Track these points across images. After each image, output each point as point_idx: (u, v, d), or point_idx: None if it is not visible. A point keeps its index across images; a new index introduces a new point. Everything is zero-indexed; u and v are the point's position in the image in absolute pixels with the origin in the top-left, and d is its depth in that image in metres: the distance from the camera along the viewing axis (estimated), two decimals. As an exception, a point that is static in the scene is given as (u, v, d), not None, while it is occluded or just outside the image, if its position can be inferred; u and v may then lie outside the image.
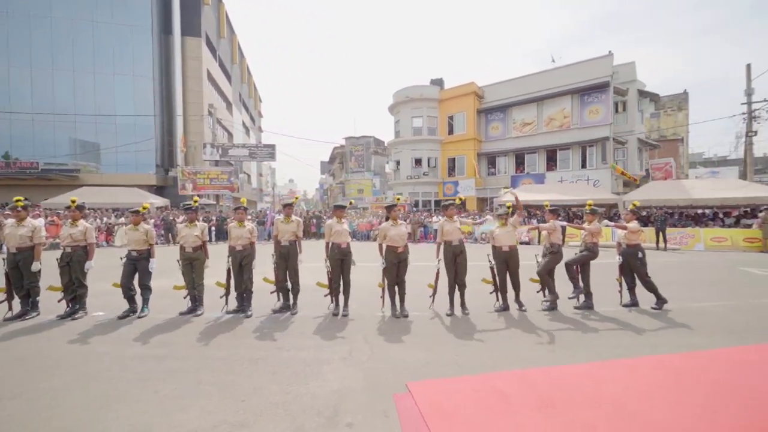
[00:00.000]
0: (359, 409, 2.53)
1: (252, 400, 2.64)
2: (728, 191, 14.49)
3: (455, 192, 23.06)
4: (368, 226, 17.65)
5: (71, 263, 4.75)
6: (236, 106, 38.26)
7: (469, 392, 2.73)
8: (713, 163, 36.23)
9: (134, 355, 3.50)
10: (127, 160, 22.82)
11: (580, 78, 19.43)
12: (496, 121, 23.14)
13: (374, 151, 35.11)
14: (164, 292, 5.64)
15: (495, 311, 5.00)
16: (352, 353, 3.53)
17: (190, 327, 4.37)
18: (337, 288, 4.87)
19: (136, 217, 4.96)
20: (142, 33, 23.19)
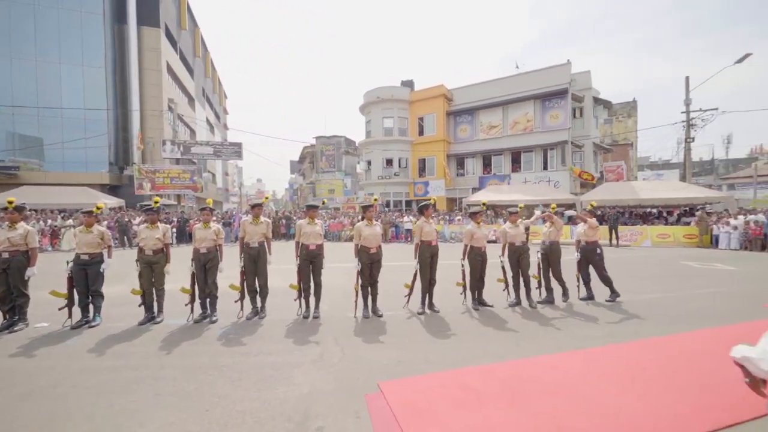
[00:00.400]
0: (330, 411, 2.50)
1: (216, 410, 2.53)
2: (670, 192, 15.89)
3: (426, 192, 23.45)
4: (339, 227, 17.50)
5: (9, 270, 4.31)
6: (199, 101, 36.49)
7: (440, 389, 2.79)
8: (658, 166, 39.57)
9: (85, 368, 3.24)
10: (75, 158, 21.05)
11: (542, 84, 20.46)
12: (465, 124, 23.80)
13: (345, 151, 34.89)
14: (120, 299, 5.27)
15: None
16: (323, 356, 3.49)
17: (148, 335, 4.12)
18: (307, 290, 4.78)
19: (89, 218, 4.59)
20: (92, 20, 21.49)
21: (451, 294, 5.83)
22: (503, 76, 22.43)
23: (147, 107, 24.18)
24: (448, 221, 17.05)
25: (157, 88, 24.67)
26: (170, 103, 25.48)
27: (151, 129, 24.30)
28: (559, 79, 19.96)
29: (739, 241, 12.61)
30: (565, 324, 4.48)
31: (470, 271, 5.17)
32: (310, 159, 39.66)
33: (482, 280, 5.23)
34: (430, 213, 5.10)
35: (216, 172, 43.11)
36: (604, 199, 15.84)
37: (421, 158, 24.54)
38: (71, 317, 4.43)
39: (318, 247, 4.77)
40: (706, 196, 15.78)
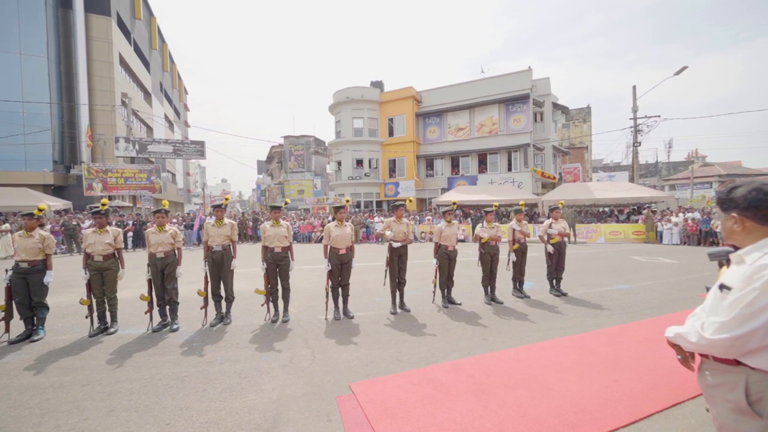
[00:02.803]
0: (300, 416, 2.46)
1: (179, 423, 2.40)
2: (621, 192, 17.18)
3: (396, 193, 23.64)
4: (309, 228, 17.20)
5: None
6: (156, 96, 34.38)
7: (410, 386, 2.83)
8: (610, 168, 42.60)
9: (26, 387, 2.95)
10: (13, 155, 19.09)
11: (505, 89, 21.35)
12: (434, 125, 24.27)
13: (315, 151, 34.36)
14: (66, 309, 4.85)
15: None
16: (293, 360, 3.42)
17: (100, 348, 3.82)
18: (275, 293, 4.66)
19: (29, 221, 4.18)
20: (31, 3, 19.59)
21: (419, 292, 5.93)
22: (470, 80, 23.14)
23: (97, 101, 22.41)
24: (418, 221, 17.30)
25: (108, 81, 22.94)
26: (124, 98, 23.76)
27: (101, 125, 22.56)
28: (521, 84, 20.92)
29: (680, 237, 13.88)
30: (530, 318, 4.70)
31: (439, 269, 5.28)
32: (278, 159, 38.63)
33: (451, 279, 5.35)
34: (402, 213, 5.15)
35: (176, 172, 40.85)
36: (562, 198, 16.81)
37: (391, 159, 24.71)
38: (8, 332, 4.01)
39: (284, 249, 4.66)
40: (651, 196, 17.21)
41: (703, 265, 8.41)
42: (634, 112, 19.24)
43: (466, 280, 6.68)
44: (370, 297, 5.80)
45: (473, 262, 5.71)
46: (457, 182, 22.92)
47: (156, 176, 22.01)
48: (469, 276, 7.06)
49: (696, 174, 33.45)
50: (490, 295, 5.51)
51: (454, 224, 5.41)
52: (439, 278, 5.30)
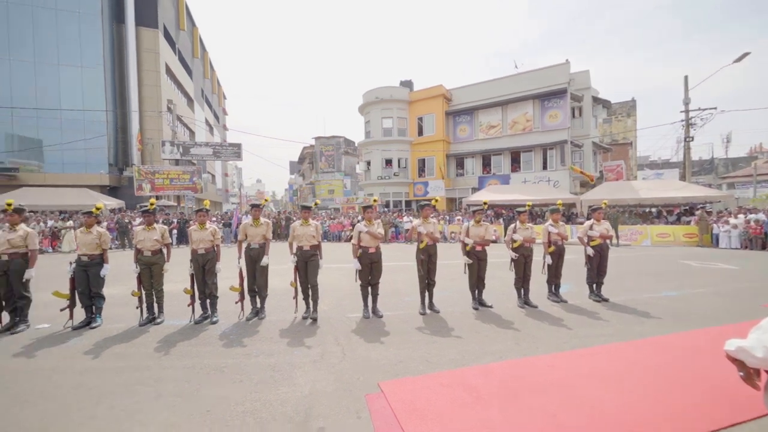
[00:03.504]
0: (331, 412, 2.51)
1: (218, 410, 2.54)
2: (670, 191, 15.91)
3: (425, 192, 23.45)
4: (339, 227, 17.50)
5: (9, 272, 4.31)
6: (198, 102, 36.50)
7: (439, 388, 2.80)
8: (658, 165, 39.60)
9: (86, 369, 3.25)
10: (75, 159, 21.06)
11: (541, 84, 20.48)
12: (464, 124, 23.81)
13: (345, 151, 34.90)
14: (120, 299, 5.28)
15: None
16: (324, 356, 3.50)
17: (148, 336, 4.12)
18: (305, 291, 4.79)
19: (89, 218, 4.59)
20: (90, 20, 21.50)
21: (452, 294, 5.85)
22: (502, 76, 22.45)
23: (146, 108, 24.18)
24: (447, 221, 17.06)
25: (155, 89, 24.67)
26: (169, 104, 25.45)
27: (150, 130, 24.32)
28: (558, 78, 19.98)
29: (740, 240, 12.62)
30: (566, 324, 4.48)
31: (468, 269, 5.17)
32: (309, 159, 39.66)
33: (482, 280, 5.22)
34: (428, 213, 5.11)
35: (216, 173, 43.11)
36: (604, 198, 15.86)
37: (420, 158, 24.55)
38: (72, 318, 4.43)
39: (313, 248, 4.76)
40: (706, 195, 15.79)
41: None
42: (685, 104, 17.75)
43: (498, 283, 6.50)
44: (400, 297, 5.80)
45: (505, 263, 5.53)
46: (488, 181, 22.34)
47: (198, 177, 23.39)
48: (501, 278, 6.86)
49: (760, 171, 30.24)
50: (523, 298, 5.32)
51: (484, 225, 5.28)
52: (470, 280, 5.19)
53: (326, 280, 5.14)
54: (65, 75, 21.11)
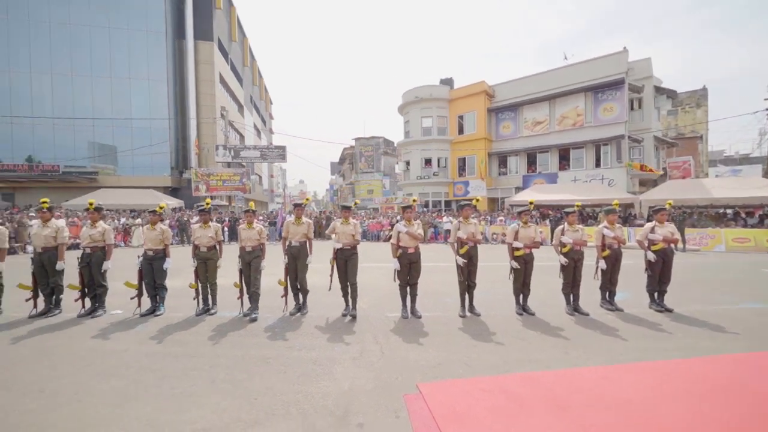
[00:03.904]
0: (370, 409, 2.54)
1: (264, 399, 2.68)
2: (751, 190, 14.00)
3: (466, 192, 22.90)
4: (378, 227, 17.67)
5: (91, 263, 4.90)
6: (247, 108, 38.82)
7: (480, 394, 2.71)
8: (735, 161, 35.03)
9: (151, 353, 3.60)
10: (142, 162, 23.41)
11: (594, 75, 19.05)
12: (507, 120, 22.89)
13: (384, 151, 35.15)
14: (179, 291, 5.77)
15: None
16: (363, 354, 3.55)
17: (203, 326, 4.46)
18: (344, 288, 4.89)
19: (153, 217, 5.08)
20: (156, 38, 23.76)
21: (493, 297, 5.65)
22: (550, 69, 21.23)
23: (202, 115, 26.21)
24: (489, 222, 16.50)
25: (210, 98, 26.65)
26: (222, 111, 27.40)
27: (205, 135, 26.32)
28: (615, 68, 18.45)
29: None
30: (621, 334, 4.13)
31: (514, 274, 4.95)
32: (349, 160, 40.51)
33: (527, 285, 4.97)
34: (468, 213, 4.97)
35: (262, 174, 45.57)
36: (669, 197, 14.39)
37: (460, 157, 24.01)
38: (140, 306, 4.93)
39: (352, 246, 4.85)
40: (797, 195, 13.69)
41: None
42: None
43: (542, 288, 6.16)
44: (439, 298, 5.72)
45: (552, 267, 5.22)
46: (533, 180, 21.29)
47: (247, 178, 24.93)
48: (547, 283, 6.50)
49: None
50: (572, 305, 4.99)
51: (531, 226, 5.02)
52: (514, 284, 4.96)
53: (365, 278, 5.21)
54: (135, 88, 23.55)
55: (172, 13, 24.66)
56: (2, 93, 21.56)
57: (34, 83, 22.07)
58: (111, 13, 22.94)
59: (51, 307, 4.91)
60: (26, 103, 21.83)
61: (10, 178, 21.09)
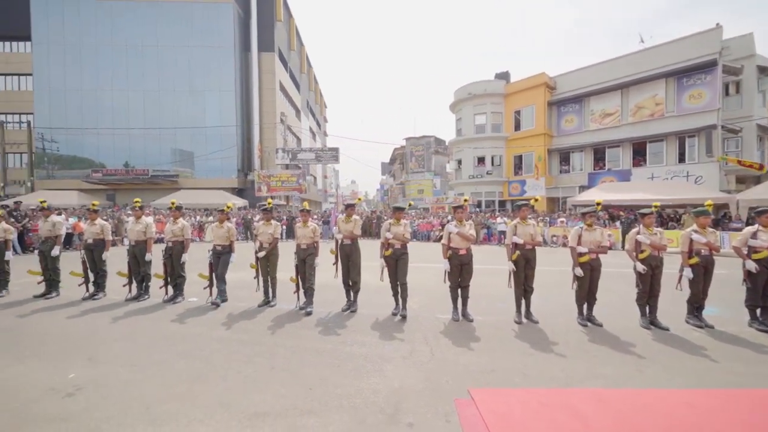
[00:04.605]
0: (420, 409, 2.52)
1: (318, 389, 2.80)
2: None
3: (522, 192, 21.68)
4: (428, 227, 17.49)
5: (172, 256, 5.56)
6: (304, 112, 40.95)
7: (538, 406, 2.54)
8: None
9: (220, 338, 3.97)
10: (214, 166, 25.92)
11: (678, 58, 16.76)
12: (571, 113, 21.16)
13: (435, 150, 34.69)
14: (244, 283, 6.27)
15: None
16: (413, 353, 3.54)
17: (264, 316, 4.80)
18: (395, 287, 4.91)
19: (221, 215, 5.61)
20: (226, 52, 26.13)
21: (553, 304, 5.28)
22: (622, 55, 19.15)
23: (264, 121, 28.24)
24: (548, 223, 15.42)
25: (271, 104, 28.61)
26: (282, 116, 29.26)
27: (267, 139, 28.32)
28: (705, 48, 16.03)
29: None
30: (711, 354, 3.58)
31: (578, 282, 4.54)
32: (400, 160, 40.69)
33: (593, 294, 4.52)
34: (525, 214, 4.69)
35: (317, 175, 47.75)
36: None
37: (516, 155, 22.77)
38: (212, 295, 5.46)
39: (402, 246, 4.85)
40: None
41: None
42: None
43: (613, 297, 5.59)
44: (492, 301, 5.49)
45: (623, 274, 4.70)
46: (601, 178, 19.44)
47: (303, 179, 26.35)
48: (617, 292, 5.89)
49: None
50: (648, 318, 4.45)
51: (597, 229, 4.57)
52: (578, 292, 4.56)
53: (415, 279, 5.18)
54: (209, 99, 26.15)
55: (239, 28, 26.93)
56: (106, 110, 25.40)
57: (130, 100, 25.63)
58: (190, 33, 25.74)
59: (141, 293, 5.66)
60: (124, 117, 25.44)
61: (112, 181, 24.75)
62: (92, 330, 4.25)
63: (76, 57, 25.13)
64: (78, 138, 25.11)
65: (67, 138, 25.05)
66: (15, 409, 2.51)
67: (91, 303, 5.43)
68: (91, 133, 25.15)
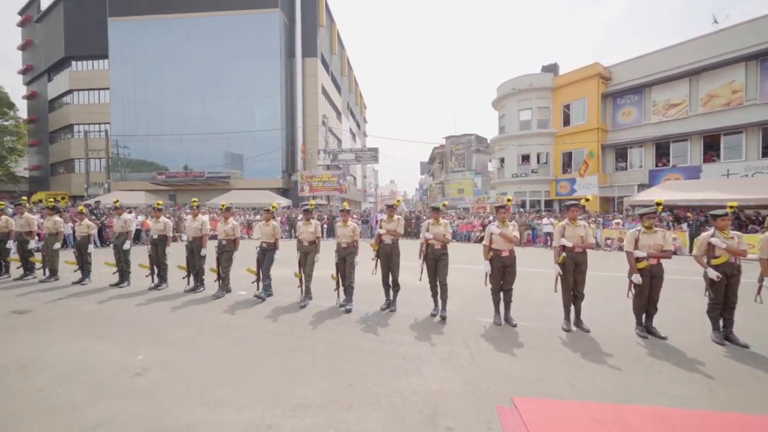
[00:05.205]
0: (459, 414, 2.46)
1: (357, 386, 2.84)
2: None
3: (571, 191, 20.35)
4: (469, 227, 17.05)
5: (224, 252, 5.97)
6: (345, 114, 41.87)
7: (589, 421, 2.37)
8: None
9: (266, 330, 4.19)
10: (261, 168, 27.43)
11: (762, 38, 14.71)
12: (629, 105, 19.44)
13: (476, 149, 33.74)
14: (287, 279, 6.56)
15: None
16: (452, 356, 3.47)
17: (305, 311, 4.98)
18: (434, 288, 4.84)
19: (267, 214, 5.91)
20: (273, 60, 27.51)
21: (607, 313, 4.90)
22: (691, 38, 17.21)
23: (307, 124, 29.33)
24: (601, 225, 14.31)
25: (314, 107, 29.64)
26: (323, 119, 30.18)
27: (309, 141, 29.38)
28: (795, 25, 13.93)
29: None
30: (802, 377, 3.10)
31: (637, 290, 4.15)
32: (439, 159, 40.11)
33: (653, 303, 4.11)
34: (575, 215, 4.38)
35: (356, 175, 48.61)
36: None
37: (565, 152, 21.41)
38: (258, 289, 5.78)
39: (443, 246, 4.77)
40: None
41: None
42: None
43: (677, 306, 5.06)
44: (537, 307, 5.22)
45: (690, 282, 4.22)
46: (664, 176, 17.66)
47: (343, 179, 26.98)
48: (682, 301, 5.32)
49: None
50: (722, 332, 3.95)
51: (658, 231, 4.15)
52: (636, 300, 4.17)
53: (454, 280, 5.07)
54: (257, 104, 27.72)
55: (285, 36, 28.23)
56: (169, 118, 27.96)
57: (189, 108, 27.96)
58: (240, 43, 27.47)
59: (197, 285, 6.15)
60: (184, 124, 27.82)
61: (173, 183, 27.18)
62: (156, 317, 4.69)
63: (144, 72, 27.99)
64: (145, 144, 27.95)
65: (137, 144, 27.98)
66: (94, 384, 2.85)
67: (156, 293, 6.00)
68: (156, 139, 27.86)
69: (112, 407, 2.51)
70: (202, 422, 2.35)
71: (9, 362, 3.25)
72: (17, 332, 4.08)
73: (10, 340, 3.82)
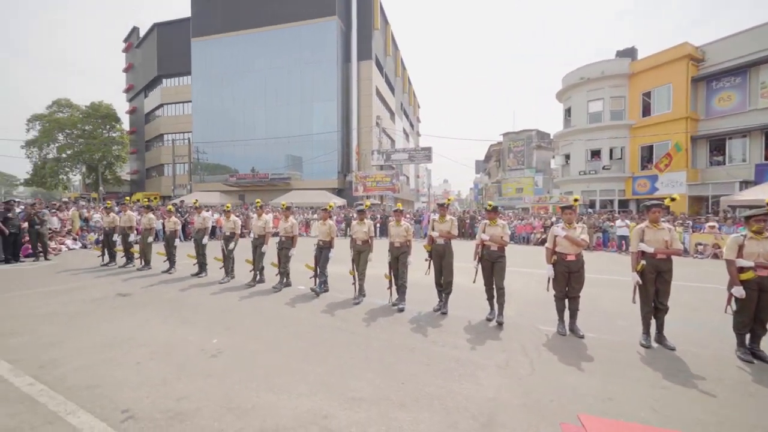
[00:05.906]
0: (517, 425, 2.32)
1: (409, 385, 2.83)
2: None
3: (652, 189, 18.06)
4: (528, 228, 16.04)
5: (284, 249, 6.37)
6: (398, 114, 42.09)
7: (676, 452, 2.07)
8: None
9: (322, 324, 4.38)
10: (318, 169, 28.83)
11: None
12: (728, 89, 16.65)
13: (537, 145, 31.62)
14: (342, 276, 6.79)
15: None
16: (509, 364, 3.28)
17: (358, 309, 5.10)
18: (490, 291, 4.64)
19: (323, 213, 6.17)
20: (330, 65, 28.72)
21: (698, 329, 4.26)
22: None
23: (361, 125, 30.09)
24: (690, 228, 12.46)
25: (368, 109, 30.28)
26: (377, 120, 30.67)
27: (363, 142, 30.10)
28: None
29: None
30: None
31: (740, 305, 3.53)
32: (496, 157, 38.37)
33: (761, 323, 3.46)
34: (658, 216, 3.86)
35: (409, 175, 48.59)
36: None
37: (645, 145, 19.05)
38: (316, 284, 6.07)
39: (500, 249, 4.55)
40: None
41: None
42: None
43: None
44: (609, 318, 4.72)
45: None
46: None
47: (396, 179, 27.15)
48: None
49: None
50: None
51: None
52: (737, 317, 3.54)
53: (512, 284, 4.80)
54: (316, 108, 29.19)
55: (342, 41, 29.29)
56: (239, 124, 30.78)
57: (256, 115, 30.47)
58: (301, 51, 29.16)
59: (257, 278, 6.65)
60: (252, 129, 30.41)
61: (242, 184, 29.83)
62: (228, 306, 5.18)
63: (218, 84, 31.15)
64: (220, 149, 31.07)
65: (213, 149, 31.23)
66: (178, 363, 3.23)
67: (227, 284, 6.63)
68: (228, 144, 30.79)
69: (193, 383, 2.83)
70: (267, 405, 2.53)
71: (115, 337, 3.84)
72: (121, 312, 4.81)
73: (116, 319, 4.51)
